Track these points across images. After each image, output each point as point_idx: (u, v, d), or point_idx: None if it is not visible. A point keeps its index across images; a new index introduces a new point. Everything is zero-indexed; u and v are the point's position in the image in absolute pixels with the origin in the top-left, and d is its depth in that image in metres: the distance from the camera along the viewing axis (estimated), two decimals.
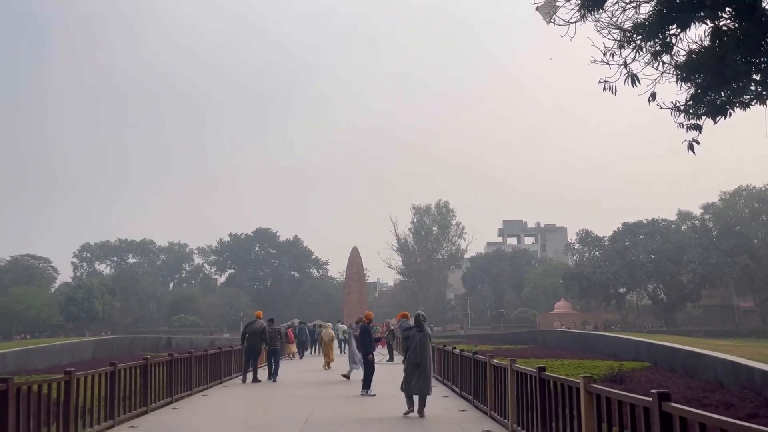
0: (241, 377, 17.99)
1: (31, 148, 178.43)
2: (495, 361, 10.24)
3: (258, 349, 18.14)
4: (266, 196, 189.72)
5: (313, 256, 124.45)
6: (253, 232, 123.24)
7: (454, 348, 15.21)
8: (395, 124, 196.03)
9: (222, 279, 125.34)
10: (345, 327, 33.88)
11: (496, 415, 9.88)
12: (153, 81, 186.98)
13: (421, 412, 10.71)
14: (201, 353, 15.56)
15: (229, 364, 18.50)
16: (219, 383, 16.94)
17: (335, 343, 27.20)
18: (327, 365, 22.20)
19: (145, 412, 11.28)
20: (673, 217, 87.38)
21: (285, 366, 19.37)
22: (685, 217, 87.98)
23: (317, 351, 31.37)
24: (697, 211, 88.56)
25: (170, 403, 12.64)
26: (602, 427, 5.78)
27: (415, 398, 10.91)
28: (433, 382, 15.93)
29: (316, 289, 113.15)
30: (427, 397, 10.95)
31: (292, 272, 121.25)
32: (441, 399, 13.06)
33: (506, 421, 9.13)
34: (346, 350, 18.87)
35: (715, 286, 77.01)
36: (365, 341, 14.12)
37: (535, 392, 7.77)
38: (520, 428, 8.42)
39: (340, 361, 22.98)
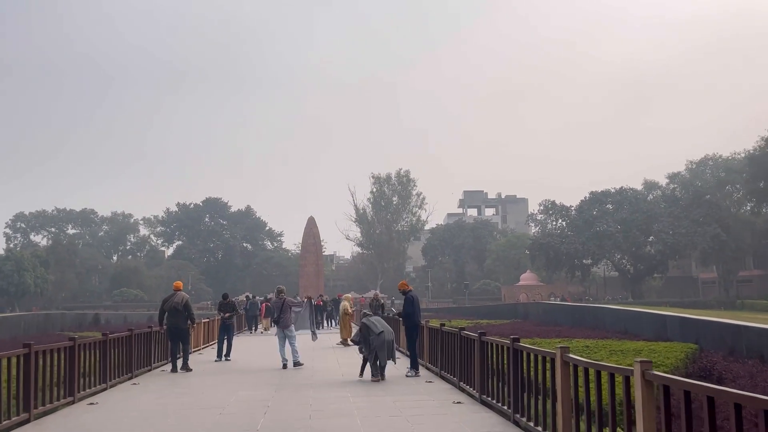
0: (170, 366, 13.64)
1: None
2: (576, 357, 5.82)
3: (183, 329, 13.55)
4: (216, 165, 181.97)
5: (267, 228, 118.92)
6: (203, 201, 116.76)
7: (443, 325, 10.91)
8: (352, 91, 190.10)
9: (170, 251, 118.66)
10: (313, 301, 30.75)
11: None
12: (91, 43, 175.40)
13: (383, 376, 11.21)
14: (90, 341, 10.72)
15: (147, 349, 13.70)
16: (129, 378, 12.17)
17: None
18: (345, 341, 19.83)
19: None
20: (639, 186, 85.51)
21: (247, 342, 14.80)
22: (652, 187, 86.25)
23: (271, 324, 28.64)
24: (663, 181, 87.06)
25: (26, 422, 7.87)
26: None
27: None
28: (435, 380, 11.72)
29: (270, 261, 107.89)
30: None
31: (245, 244, 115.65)
32: (454, 406, 8.66)
33: None
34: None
35: (683, 256, 75.36)
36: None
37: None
38: None
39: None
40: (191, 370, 13.30)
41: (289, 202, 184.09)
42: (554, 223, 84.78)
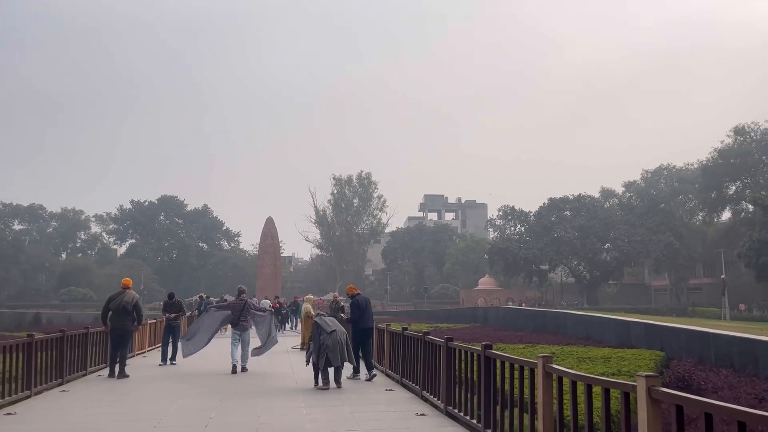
0: (108, 371, 12.56)
1: None
2: (561, 368, 5.14)
3: (127, 332, 12.49)
4: (173, 162, 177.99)
5: (224, 227, 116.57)
6: (158, 199, 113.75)
7: (405, 329, 10.15)
8: (315, 92, 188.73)
9: (122, 250, 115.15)
10: (268, 302, 29.25)
11: None
12: (44, 28, 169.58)
13: (339, 383, 10.55)
14: (12, 342, 9.61)
15: (82, 352, 12.54)
16: (58, 385, 11.04)
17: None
18: (303, 345, 18.40)
19: None
20: (596, 194, 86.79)
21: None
22: (608, 195, 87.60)
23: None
24: (620, 189, 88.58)
25: None
26: None
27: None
28: (396, 387, 10.99)
29: (226, 262, 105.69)
30: None
31: (201, 244, 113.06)
32: (417, 419, 7.91)
33: None
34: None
35: (638, 263, 76.65)
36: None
37: None
38: None
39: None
40: (128, 376, 12.21)
41: (248, 201, 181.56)
42: (513, 228, 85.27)
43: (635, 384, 3.89)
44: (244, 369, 13.16)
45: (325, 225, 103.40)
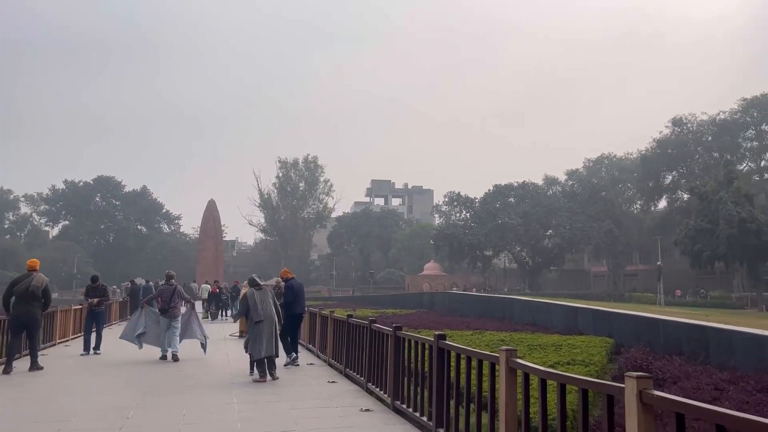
0: (7, 365, 11.09)
1: None
2: (527, 363, 4.52)
3: (35, 320, 11.23)
4: (110, 141, 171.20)
5: (164, 210, 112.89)
6: (94, 180, 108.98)
7: (350, 316, 9.38)
8: (261, 73, 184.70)
9: (55, 232, 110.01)
10: (208, 287, 28.10)
11: None
12: None
13: (273, 375, 9.72)
14: None
15: None
16: None
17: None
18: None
19: None
20: (540, 181, 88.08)
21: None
22: (552, 182, 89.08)
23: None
24: (562, 177, 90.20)
25: None
26: None
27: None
28: (339, 379, 10.27)
29: (165, 245, 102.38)
30: None
31: (139, 226, 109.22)
32: (361, 415, 7.20)
33: None
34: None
35: (579, 250, 78.26)
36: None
37: None
38: None
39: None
40: (42, 368, 11.05)
41: (190, 183, 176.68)
42: (458, 214, 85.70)
43: (622, 386, 3.27)
44: (175, 358, 12.25)
45: (270, 209, 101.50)
